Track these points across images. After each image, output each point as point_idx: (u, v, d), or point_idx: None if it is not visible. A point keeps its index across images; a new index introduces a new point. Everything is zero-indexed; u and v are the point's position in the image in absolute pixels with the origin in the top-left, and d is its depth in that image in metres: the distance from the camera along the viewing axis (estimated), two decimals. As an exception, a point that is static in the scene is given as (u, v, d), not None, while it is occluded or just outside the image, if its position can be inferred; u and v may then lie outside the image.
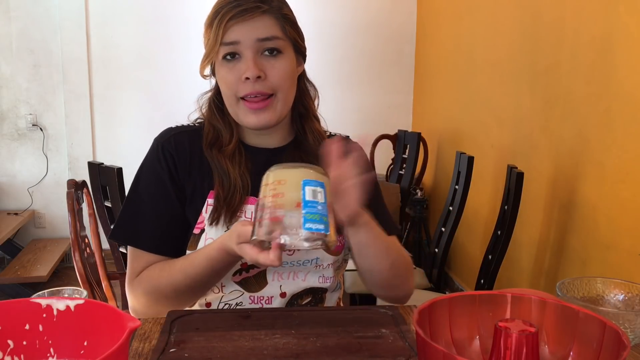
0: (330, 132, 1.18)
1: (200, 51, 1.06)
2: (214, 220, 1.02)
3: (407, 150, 3.39)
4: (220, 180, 1.04)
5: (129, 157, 3.61)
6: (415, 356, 0.83)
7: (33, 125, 3.65)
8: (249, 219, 1.03)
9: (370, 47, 3.86)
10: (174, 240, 1.06)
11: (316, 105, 1.15)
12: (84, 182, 1.75)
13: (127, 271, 1.06)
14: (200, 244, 1.03)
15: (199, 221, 1.05)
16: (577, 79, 1.95)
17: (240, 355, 0.83)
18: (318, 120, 1.15)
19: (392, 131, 3.60)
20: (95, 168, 1.91)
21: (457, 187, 2.28)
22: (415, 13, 3.87)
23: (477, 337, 0.77)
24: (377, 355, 0.83)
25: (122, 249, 1.85)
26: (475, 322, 0.77)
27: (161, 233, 1.05)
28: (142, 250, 1.05)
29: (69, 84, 3.64)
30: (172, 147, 1.07)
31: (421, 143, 3.36)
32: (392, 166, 3.57)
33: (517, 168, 2.00)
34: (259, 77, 0.99)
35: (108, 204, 1.90)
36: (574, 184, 1.97)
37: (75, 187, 1.66)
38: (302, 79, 1.13)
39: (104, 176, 1.89)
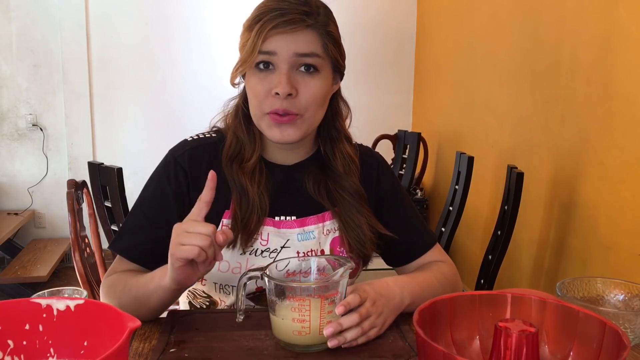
0: (356, 142, 1.12)
1: (200, 51, 1.04)
2: (230, 243, 0.97)
3: (407, 150, 3.39)
4: (238, 198, 0.99)
5: (129, 157, 3.62)
6: (415, 356, 0.83)
7: (33, 125, 3.65)
8: (265, 241, 1.01)
9: (370, 46, 3.86)
10: (166, 260, 1.01)
11: (347, 124, 1.09)
12: (84, 182, 1.75)
13: (110, 267, 1.03)
14: (214, 267, 0.99)
15: None
16: (577, 79, 1.95)
17: (240, 355, 0.83)
18: (350, 141, 1.09)
19: (392, 131, 3.60)
20: (95, 168, 1.91)
21: (457, 187, 2.28)
22: (415, 13, 3.87)
23: (477, 337, 0.77)
24: (377, 355, 0.83)
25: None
26: (475, 322, 0.77)
27: (154, 251, 0.99)
28: (131, 262, 1.01)
29: (69, 84, 3.64)
30: (185, 163, 1.02)
31: (421, 143, 3.36)
32: (392, 166, 3.57)
33: (517, 168, 2.00)
34: (289, 94, 0.94)
35: (108, 204, 1.89)
36: (574, 184, 1.97)
37: (75, 187, 1.66)
38: (336, 97, 1.07)
39: (104, 176, 1.88)
